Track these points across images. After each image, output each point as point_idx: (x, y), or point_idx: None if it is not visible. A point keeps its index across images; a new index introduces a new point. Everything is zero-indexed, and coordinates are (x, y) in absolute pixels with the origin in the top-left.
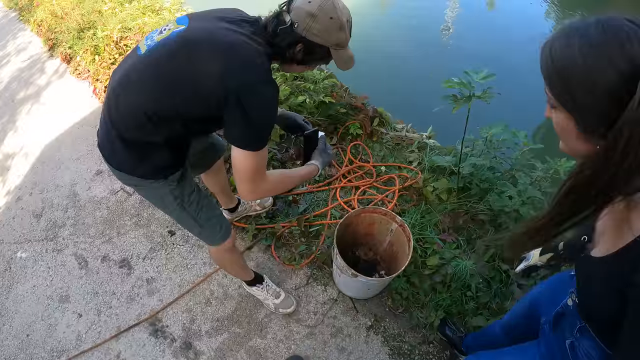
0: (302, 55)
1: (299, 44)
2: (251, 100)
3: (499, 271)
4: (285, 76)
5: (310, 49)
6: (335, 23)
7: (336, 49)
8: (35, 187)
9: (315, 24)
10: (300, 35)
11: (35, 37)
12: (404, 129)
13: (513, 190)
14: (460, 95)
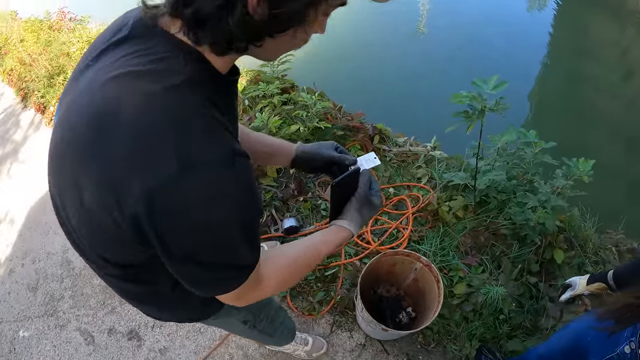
0: (267, 10)
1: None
2: (175, 224)
3: (527, 286)
4: (272, 104)
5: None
6: None
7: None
8: (26, 256)
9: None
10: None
11: (7, 88)
12: (407, 142)
13: (534, 200)
14: (472, 109)
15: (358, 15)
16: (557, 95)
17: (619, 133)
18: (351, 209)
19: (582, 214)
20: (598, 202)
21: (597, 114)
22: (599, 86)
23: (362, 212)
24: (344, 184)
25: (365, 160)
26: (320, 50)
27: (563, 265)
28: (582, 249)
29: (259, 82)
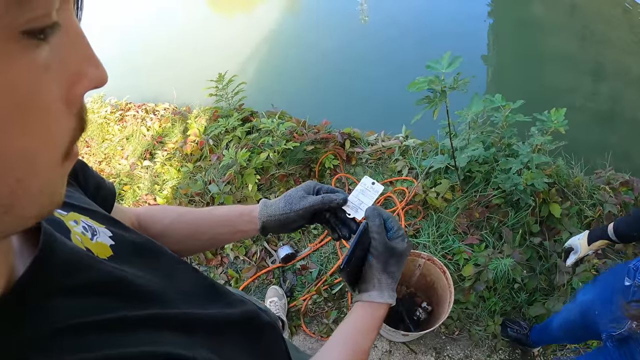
0: None
1: None
2: None
3: (533, 248)
4: (237, 137)
5: None
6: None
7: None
8: None
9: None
10: None
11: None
12: (378, 139)
13: (516, 163)
14: (433, 93)
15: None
16: (511, 48)
17: (579, 67)
18: (375, 274)
19: (568, 162)
20: (579, 144)
21: (553, 54)
22: (548, 27)
23: (390, 271)
24: (356, 256)
25: (362, 193)
26: (268, 69)
27: (562, 217)
28: (577, 195)
29: (218, 119)
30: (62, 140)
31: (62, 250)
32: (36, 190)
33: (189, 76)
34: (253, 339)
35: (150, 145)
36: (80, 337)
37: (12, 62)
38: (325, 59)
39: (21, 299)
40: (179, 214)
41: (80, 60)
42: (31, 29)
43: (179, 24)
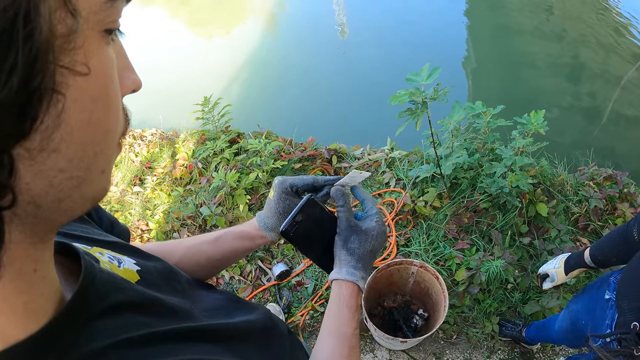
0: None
1: None
2: None
3: (523, 248)
4: (225, 159)
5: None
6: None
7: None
8: None
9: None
10: None
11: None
12: (365, 153)
13: (500, 167)
14: (414, 104)
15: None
16: (490, 55)
17: (558, 66)
18: (336, 251)
19: (551, 162)
20: (561, 143)
21: (532, 56)
22: (525, 30)
23: (349, 248)
24: (301, 224)
25: (350, 179)
26: (251, 91)
27: (549, 216)
28: (562, 193)
29: (205, 142)
30: (121, 126)
31: (101, 273)
32: (101, 167)
33: (174, 101)
34: (275, 343)
35: (139, 171)
36: (128, 351)
37: (101, 50)
38: (307, 77)
39: (74, 319)
40: (186, 247)
41: (122, 68)
42: (109, 29)
43: (160, 49)
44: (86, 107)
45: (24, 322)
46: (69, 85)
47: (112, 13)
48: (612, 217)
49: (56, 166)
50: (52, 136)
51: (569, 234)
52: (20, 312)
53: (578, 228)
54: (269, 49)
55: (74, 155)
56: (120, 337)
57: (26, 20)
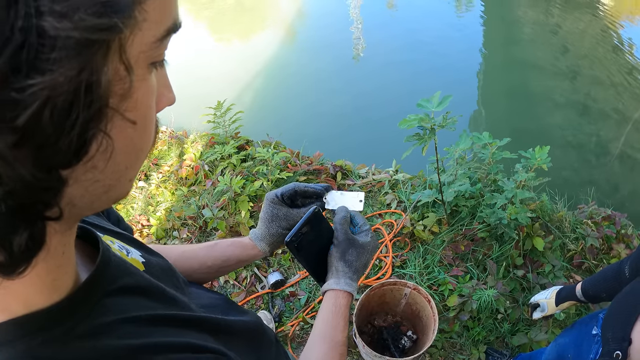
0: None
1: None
2: None
3: (517, 280)
4: (232, 164)
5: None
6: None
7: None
8: None
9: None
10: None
11: None
12: (369, 172)
13: (501, 198)
14: (422, 130)
15: (295, 54)
16: (502, 86)
17: (569, 102)
18: (333, 262)
19: (552, 198)
20: (564, 180)
21: (544, 91)
22: (539, 65)
23: (347, 260)
24: (305, 235)
25: (346, 197)
26: (265, 100)
27: (545, 250)
28: (560, 230)
29: (214, 145)
30: (152, 141)
31: (115, 257)
32: (130, 177)
33: (188, 101)
34: (267, 345)
35: (145, 167)
36: (134, 327)
37: (145, 82)
38: (320, 91)
39: (90, 295)
40: (182, 251)
41: (161, 87)
42: (154, 62)
43: (180, 50)
44: (128, 136)
45: (48, 295)
46: (119, 126)
47: (160, 50)
48: (607, 256)
49: (93, 178)
50: (97, 163)
51: (563, 270)
52: (47, 287)
53: (573, 265)
54: (284, 60)
55: (109, 170)
56: (128, 314)
57: (88, 89)
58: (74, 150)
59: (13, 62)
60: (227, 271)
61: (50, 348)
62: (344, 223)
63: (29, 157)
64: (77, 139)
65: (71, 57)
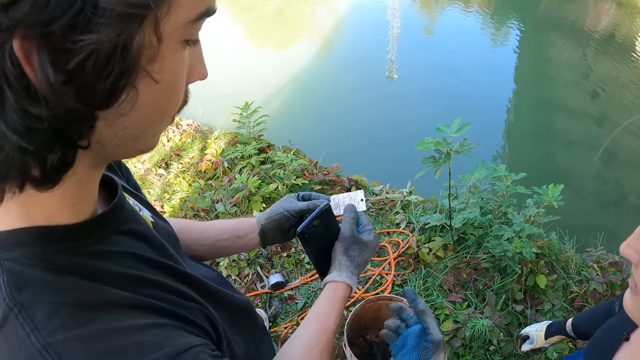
0: (60, 60)
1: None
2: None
3: (514, 314)
4: (251, 164)
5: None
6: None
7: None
8: None
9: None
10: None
11: None
12: (383, 190)
13: (509, 231)
14: (438, 154)
15: (328, 67)
16: (528, 123)
17: (593, 147)
18: (337, 256)
19: (561, 237)
20: (576, 221)
21: (569, 133)
22: (567, 109)
23: (350, 255)
24: (316, 228)
25: (350, 198)
26: (291, 107)
27: (547, 289)
28: (565, 270)
29: (236, 144)
30: (179, 106)
31: (129, 206)
32: (154, 132)
33: (217, 99)
34: (250, 326)
35: (167, 156)
36: (131, 261)
37: (177, 55)
38: (347, 106)
39: (101, 227)
40: (185, 223)
41: (195, 62)
42: (188, 39)
43: (214, 47)
44: (154, 95)
45: (68, 215)
46: (145, 83)
47: (193, 30)
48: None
49: (122, 125)
50: (125, 110)
51: (563, 311)
52: (69, 208)
53: (573, 307)
54: (316, 71)
55: (136, 121)
56: (131, 251)
57: (123, 49)
58: (107, 94)
59: (72, 22)
60: (225, 247)
61: (60, 256)
62: (352, 222)
63: (73, 93)
64: (110, 86)
65: (113, 24)
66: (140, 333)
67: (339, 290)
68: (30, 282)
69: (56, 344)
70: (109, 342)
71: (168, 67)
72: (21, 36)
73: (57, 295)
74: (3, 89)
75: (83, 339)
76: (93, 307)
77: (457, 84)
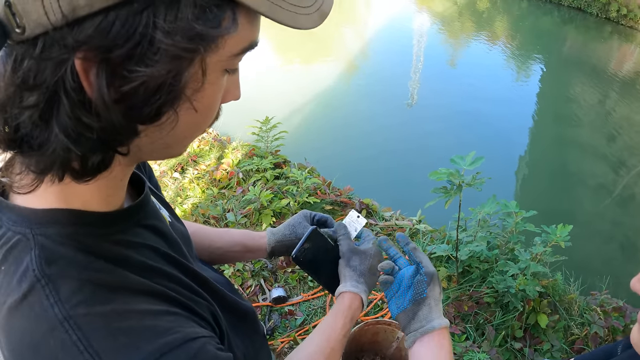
0: (114, 85)
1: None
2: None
3: (512, 351)
4: (265, 178)
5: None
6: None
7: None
8: None
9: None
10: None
11: None
12: (393, 217)
13: (514, 267)
14: (450, 185)
15: (351, 89)
16: (543, 160)
17: (607, 192)
18: (341, 271)
19: (567, 277)
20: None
21: (583, 174)
22: (584, 149)
23: (352, 265)
24: (308, 251)
25: (349, 225)
26: (310, 125)
27: (548, 329)
28: (567, 311)
29: (253, 157)
30: (211, 122)
31: (152, 203)
32: (185, 144)
33: (238, 111)
34: (252, 332)
35: (184, 161)
36: (149, 253)
37: (216, 82)
38: (366, 130)
39: (127, 218)
40: (198, 227)
41: (231, 85)
42: (228, 69)
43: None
44: (191, 117)
45: (100, 204)
46: (186, 108)
47: (235, 61)
48: None
49: (159, 136)
50: (164, 127)
51: (562, 352)
52: (102, 199)
53: (572, 349)
54: (338, 92)
55: (171, 134)
56: (149, 243)
57: (172, 83)
58: (151, 116)
59: (130, 53)
60: (232, 258)
61: (90, 239)
62: (346, 237)
63: (122, 111)
64: (155, 110)
65: (165, 62)
66: (154, 318)
67: (345, 299)
68: (60, 258)
69: (78, 317)
70: (125, 322)
71: (207, 95)
72: (83, 55)
73: (83, 273)
74: (60, 96)
75: (103, 315)
76: (114, 289)
77: (476, 115)
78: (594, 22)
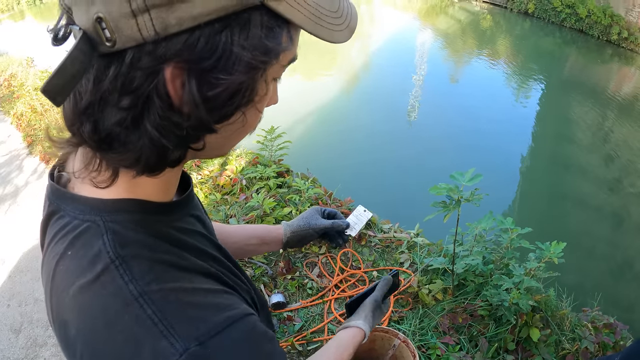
0: (199, 94)
1: (169, 65)
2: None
3: None
4: (268, 186)
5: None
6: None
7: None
8: (12, 298)
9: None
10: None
11: (15, 131)
12: (392, 229)
13: (508, 282)
14: (449, 200)
15: (353, 102)
16: (541, 178)
17: (603, 212)
18: (366, 311)
19: (559, 294)
20: (577, 281)
21: (581, 195)
22: (582, 169)
23: (375, 315)
24: (364, 296)
25: (357, 218)
26: (314, 136)
27: (539, 343)
28: (559, 326)
29: (256, 165)
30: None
31: (195, 196)
32: (233, 144)
33: None
34: (267, 322)
35: (188, 166)
36: (199, 237)
37: (269, 89)
38: (368, 143)
39: (181, 208)
40: (215, 223)
41: (273, 92)
42: (275, 77)
43: None
44: (252, 117)
45: (161, 195)
46: (250, 111)
47: (281, 71)
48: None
49: (224, 135)
50: (231, 126)
51: None
52: (163, 190)
53: None
54: (341, 104)
55: (225, 135)
56: (198, 230)
57: (246, 90)
58: (228, 116)
59: (215, 64)
60: (248, 251)
61: (155, 225)
62: (382, 290)
63: (208, 110)
64: (232, 111)
65: (244, 71)
66: (215, 295)
67: (359, 336)
68: (132, 242)
69: (152, 292)
70: (193, 297)
71: (266, 99)
72: (173, 65)
73: (153, 254)
74: (153, 99)
75: (173, 291)
76: (180, 269)
77: (475, 133)
78: (595, 44)
